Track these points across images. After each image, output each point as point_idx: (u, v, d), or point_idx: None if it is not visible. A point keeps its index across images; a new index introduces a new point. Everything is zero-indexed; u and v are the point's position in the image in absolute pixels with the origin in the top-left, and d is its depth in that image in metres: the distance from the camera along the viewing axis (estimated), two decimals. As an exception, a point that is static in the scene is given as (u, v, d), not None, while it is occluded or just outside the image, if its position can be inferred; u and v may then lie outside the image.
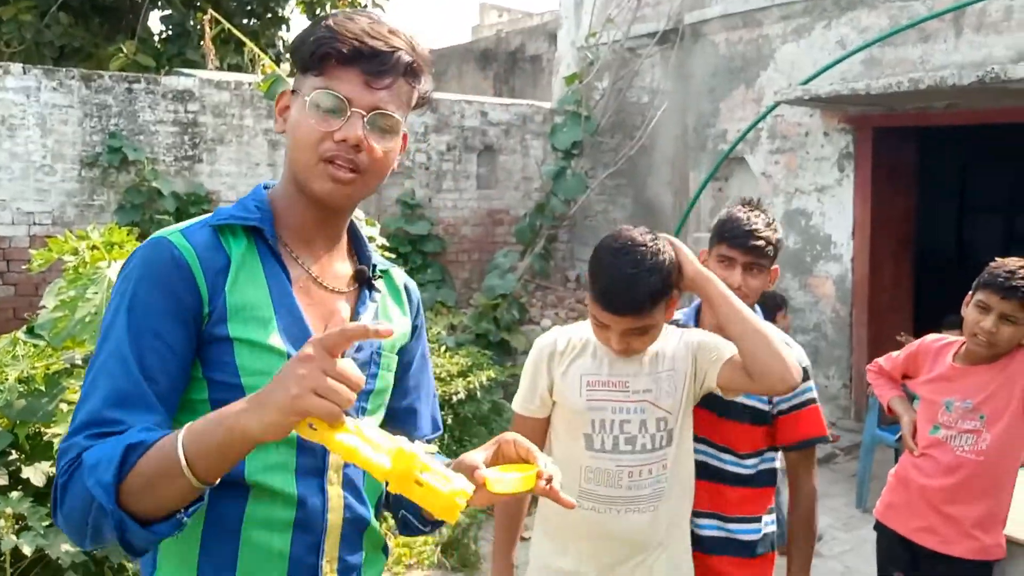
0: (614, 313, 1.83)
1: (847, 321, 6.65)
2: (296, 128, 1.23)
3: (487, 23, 15.57)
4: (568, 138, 8.03)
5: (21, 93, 6.02)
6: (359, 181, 1.22)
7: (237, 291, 1.20)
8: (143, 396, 1.11)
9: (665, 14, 7.72)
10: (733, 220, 2.14)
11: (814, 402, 2.13)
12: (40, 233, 6.01)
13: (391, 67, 1.21)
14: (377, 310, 1.36)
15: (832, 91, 5.93)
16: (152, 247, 1.19)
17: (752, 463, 2.15)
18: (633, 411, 1.93)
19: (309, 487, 1.22)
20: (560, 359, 1.99)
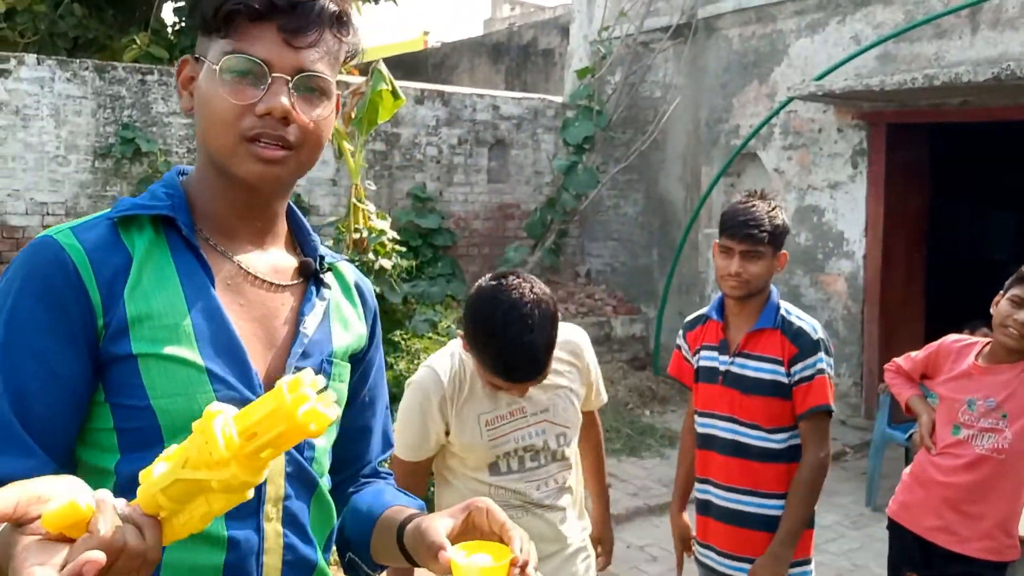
0: (517, 383, 1.79)
1: (858, 319, 6.61)
2: (207, 103, 1.02)
3: (499, 16, 15.55)
4: (580, 132, 8.01)
5: (35, 84, 6.05)
6: (292, 159, 1.03)
7: (139, 296, 1.00)
8: (14, 436, 0.93)
9: (678, 8, 7.68)
10: (731, 212, 2.32)
11: (823, 373, 2.27)
12: (53, 223, 6.02)
13: (314, 19, 1.02)
14: (328, 309, 1.15)
15: (846, 87, 5.90)
16: (36, 249, 0.99)
17: (781, 438, 2.30)
18: (534, 434, 1.94)
19: (241, 526, 1.02)
20: (452, 403, 1.89)
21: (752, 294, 2.31)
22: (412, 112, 7.58)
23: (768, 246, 2.26)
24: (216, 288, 1.05)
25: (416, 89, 7.76)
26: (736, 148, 7.09)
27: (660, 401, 7.07)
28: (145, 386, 0.98)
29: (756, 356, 2.33)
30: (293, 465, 1.08)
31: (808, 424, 2.28)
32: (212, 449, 0.75)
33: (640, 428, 6.35)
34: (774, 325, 2.32)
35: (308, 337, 1.10)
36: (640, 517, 4.90)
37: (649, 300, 8.15)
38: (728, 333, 2.40)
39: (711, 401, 2.40)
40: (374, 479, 1.28)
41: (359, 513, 1.19)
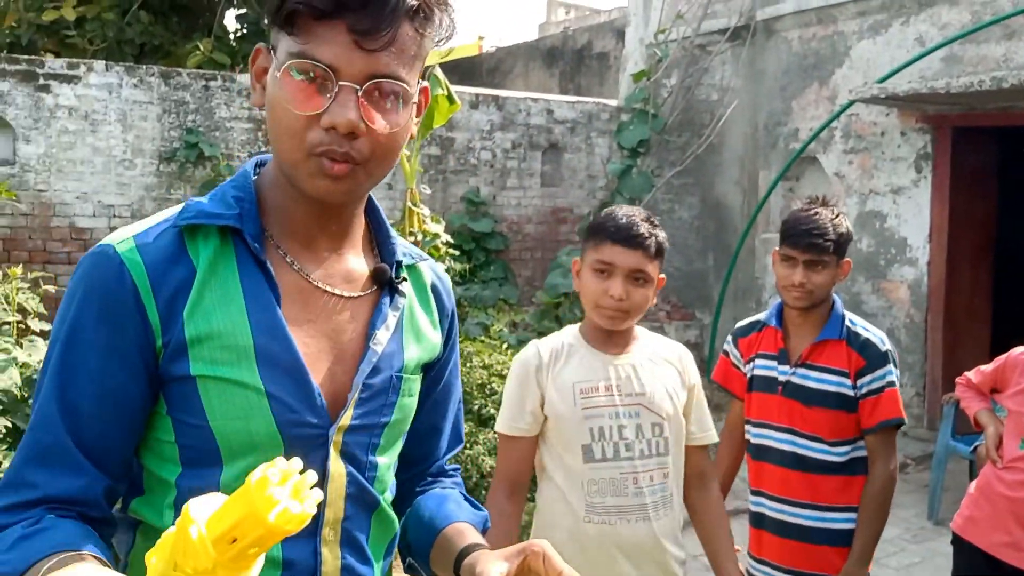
0: (624, 245, 1.84)
1: (922, 327, 6.44)
2: (273, 108, 0.94)
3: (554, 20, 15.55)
4: (635, 136, 7.96)
5: (104, 89, 6.25)
6: (360, 173, 0.95)
7: (200, 315, 0.95)
8: (67, 453, 0.92)
9: (737, 10, 7.59)
10: (793, 220, 2.26)
11: (893, 385, 2.22)
12: (119, 225, 6.19)
13: (388, 16, 0.90)
14: (401, 320, 1.09)
15: (910, 89, 5.76)
16: (96, 261, 0.95)
17: (843, 451, 2.24)
18: (628, 415, 1.88)
19: (298, 548, 0.99)
20: (548, 370, 1.91)
21: (816, 304, 2.27)
22: (467, 116, 7.63)
23: (832, 255, 2.22)
24: (282, 304, 0.99)
25: (471, 94, 7.81)
26: (795, 152, 6.98)
27: (715, 408, 6.95)
28: (204, 407, 0.96)
29: (820, 367, 2.27)
30: (354, 486, 1.05)
31: (876, 438, 2.24)
32: (192, 556, 0.72)
33: (694, 435, 6.27)
34: (840, 336, 2.27)
35: (378, 352, 1.04)
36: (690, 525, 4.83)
37: (704, 306, 8.05)
38: (788, 342, 2.34)
39: (767, 411, 2.34)
40: (440, 478, 1.25)
41: (421, 521, 1.16)
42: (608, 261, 1.85)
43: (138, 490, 1.02)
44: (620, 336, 1.96)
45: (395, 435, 1.10)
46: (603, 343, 1.94)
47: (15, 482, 0.93)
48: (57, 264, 6.11)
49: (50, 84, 6.08)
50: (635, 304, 1.87)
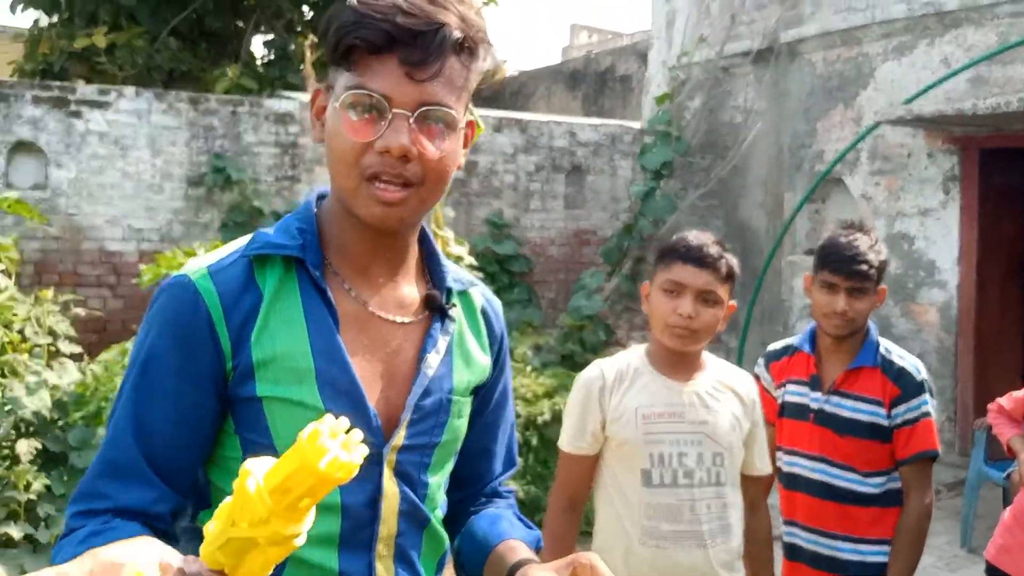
0: (695, 264, 1.86)
1: (952, 351, 6.36)
2: (331, 138, 1.02)
3: (577, 44, 15.66)
4: (658, 158, 7.97)
5: (133, 115, 6.36)
6: (413, 197, 1.01)
7: (266, 339, 1.01)
8: (138, 470, 0.98)
9: (760, 32, 7.60)
10: (834, 245, 2.20)
11: (928, 416, 2.17)
12: (148, 249, 6.30)
13: (436, 49, 0.97)
14: (451, 345, 1.13)
15: (936, 111, 5.73)
16: (174, 291, 1.02)
17: (878, 481, 2.18)
18: (690, 443, 1.89)
19: (354, 562, 1.04)
20: (611, 393, 1.92)
21: (855, 332, 2.22)
22: (490, 140, 7.67)
23: (872, 282, 2.18)
24: (340, 328, 1.05)
25: (494, 117, 7.86)
26: (821, 173, 6.94)
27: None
28: (269, 427, 1.02)
29: (853, 395, 2.21)
30: (407, 504, 1.09)
31: (911, 469, 2.18)
32: (249, 509, 0.76)
33: (720, 459, 6.21)
34: (874, 364, 2.21)
35: (429, 376, 1.09)
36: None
37: (730, 329, 7.99)
38: (821, 369, 2.28)
39: (799, 439, 2.29)
40: (494, 499, 1.28)
41: (475, 539, 1.19)
42: (678, 280, 1.87)
43: (205, 503, 1.07)
44: (688, 361, 1.95)
45: (446, 455, 1.14)
46: (670, 368, 1.94)
47: (88, 493, 0.98)
48: (87, 287, 6.19)
49: (81, 110, 6.20)
50: (704, 324, 1.88)
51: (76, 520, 0.97)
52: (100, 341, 5.41)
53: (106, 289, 6.32)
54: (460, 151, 1.06)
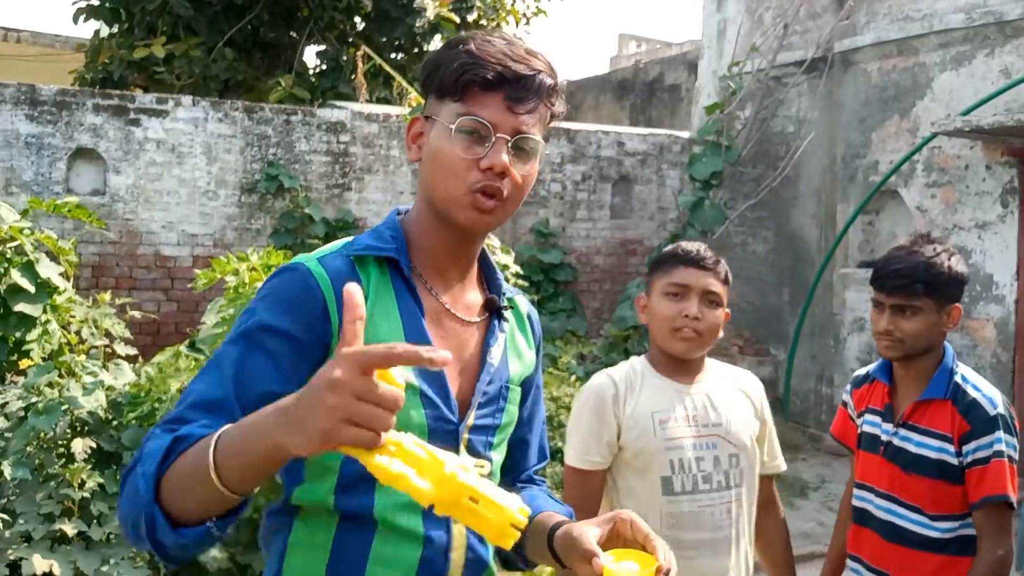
0: (697, 267, 1.87)
1: (1009, 368, 6.17)
2: (437, 156, 1.19)
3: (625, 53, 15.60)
4: (707, 168, 7.89)
5: (190, 123, 6.51)
6: (500, 209, 1.20)
7: (371, 326, 1.12)
8: (229, 410, 1.06)
9: (814, 42, 7.49)
10: (883, 259, 2.08)
11: (1000, 456, 1.94)
12: (202, 254, 6.43)
13: (533, 90, 1.19)
14: (506, 341, 1.32)
15: (995, 122, 5.58)
16: (290, 272, 1.18)
17: (946, 527, 2.00)
18: (706, 446, 1.86)
19: (436, 525, 1.19)
20: (624, 400, 1.88)
21: (912, 355, 2.04)
22: (538, 149, 7.68)
23: (927, 299, 1.98)
24: (425, 321, 1.22)
25: (543, 126, 7.86)
26: (875, 185, 6.82)
27: (790, 448, 6.79)
28: None
29: (922, 429, 2.04)
30: None
31: (982, 515, 1.96)
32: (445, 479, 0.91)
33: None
34: (946, 395, 2.02)
35: (494, 366, 1.27)
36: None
37: (779, 342, 7.88)
38: (894, 398, 2.13)
39: (869, 473, 2.14)
40: (529, 484, 1.43)
41: None
42: (682, 283, 1.87)
43: (298, 479, 1.19)
44: (692, 366, 1.93)
45: (504, 436, 1.32)
46: (674, 372, 1.92)
47: (176, 418, 1.07)
48: (142, 290, 6.34)
49: (140, 118, 6.37)
50: (709, 326, 1.87)
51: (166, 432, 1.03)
52: (154, 344, 5.53)
53: (160, 293, 6.47)
54: (536, 173, 1.25)
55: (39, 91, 6.09)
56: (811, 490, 5.97)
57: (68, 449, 2.95)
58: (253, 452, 0.92)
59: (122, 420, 3.12)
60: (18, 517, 2.75)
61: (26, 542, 2.70)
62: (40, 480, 2.90)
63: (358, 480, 1.14)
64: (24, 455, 2.87)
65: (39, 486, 2.88)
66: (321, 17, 9.15)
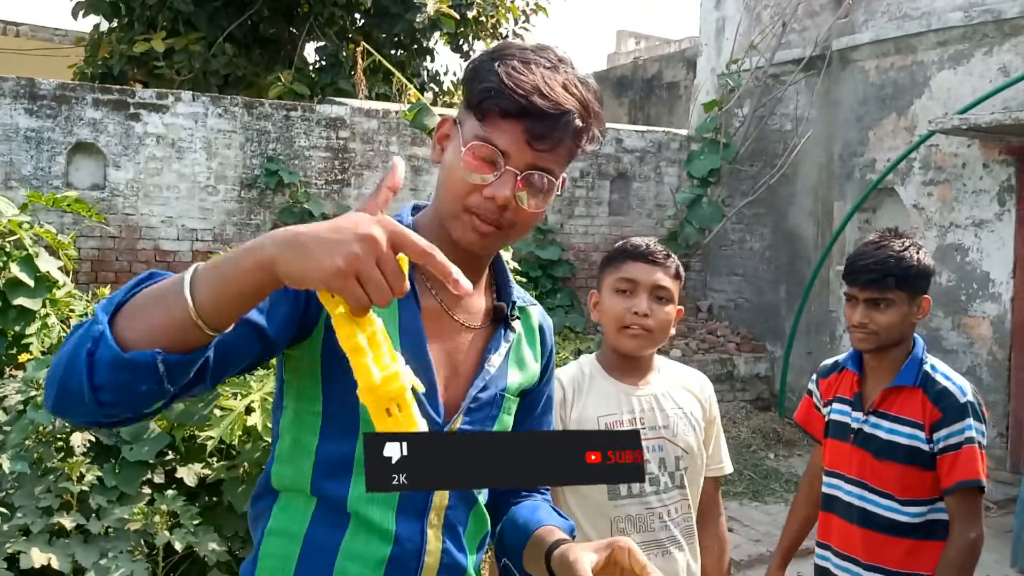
0: (646, 262, 1.84)
1: (1005, 365, 6.20)
2: (448, 169, 1.17)
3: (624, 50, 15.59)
4: (705, 166, 7.91)
5: (190, 118, 6.52)
6: (500, 236, 1.16)
7: None
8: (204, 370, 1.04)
9: (812, 40, 7.51)
10: (854, 254, 2.11)
11: (972, 442, 2.00)
12: (202, 249, 6.45)
13: (559, 130, 1.11)
14: (509, 351, 1.29)
15: (993, 120, 5.60)
16: None
17: (916, 511, 2.04)
18: (652, 448, 1.85)
19: (408, 526, 1.17)
20: (571, 405, 1.87)
21: (885, 346, 2.08)
22: (537, 145, 7.70)
23: (899, 291, 2.02)
24: (421, 318, 1.19)
25: (541, 123, 7.88)
26: (872, 183, 6.83)
27: (785, 444, 6.82)
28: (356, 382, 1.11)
29: (892, 417, 2.08)
30: None
31: (954, 500, 2.01)
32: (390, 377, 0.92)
33: (764, 472, 6.14)
34: (915, 383, 2.06)
35: (490, 374, 1.24)
36: (762, 564, 4.72)
37: (775, 339, 7.90)
38: (864, 387, 2.17)
39: (839, 460, 2.19)
40: (532, 494, 1.40)
41: (516, 525, 1.31)
42: (631, 278, 1.84)
43: (280, 458, 1.19)
44: (641, 365, 1.91)
45: None
46: (624, 373, 1.90)
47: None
48: (141, 285, 6.35)
49: (140, 113, 6.38)
50: (659, 322, 1.84)
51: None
52: (153, 338, 5.55)
53: (159, 287, 6.48)
54: (550, 202, 1.20)
55: (39, 85, 6.10)
56: (807, 486, 5.99)
57: (67, 443, 2.96)
58: (239, 272, 0.89)
59: (121, 414, 3.14)
60: (16, 511, 2.77)
61: (24, 535, 2.72)
62: (39, 474, 2.92)
63: (333, 465, 1.14)
64: (23, 449, 2.88)
65: (37, 480, 2.89)
66: (321, 13, 9.16)
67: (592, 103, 1.15)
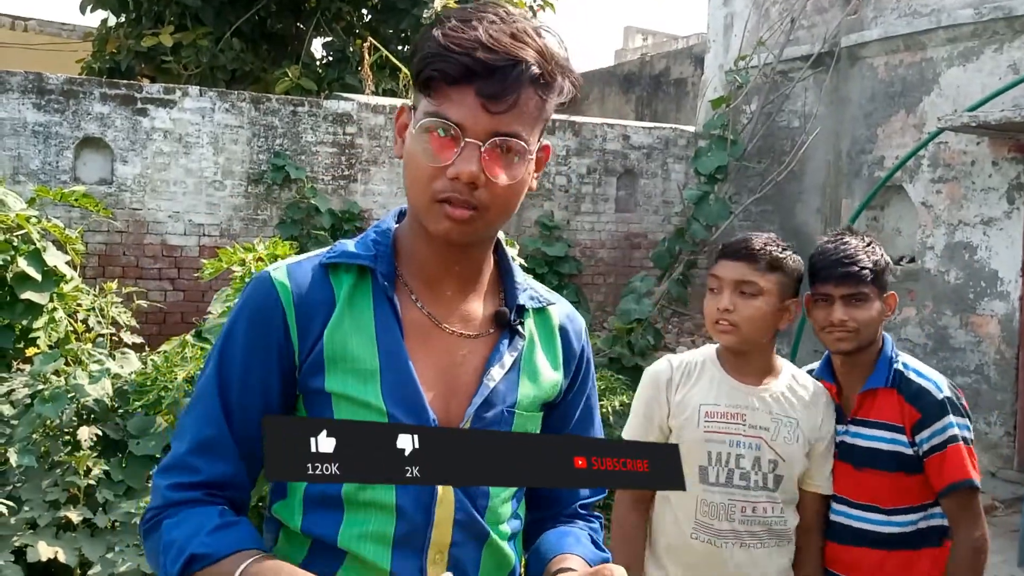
0: (730, 258, 1.88)
1: (1012, 364, 6.17)
2: (408, 160, 1.06)
3: (631, 47, 15.56)
4: (712, 162, 7.88)
5: (197, 113, 6.52)
6: (480, 219, 1.04)
7: (338, 338, 1.07)
8: (225, 445, 1.06)
9: (820, 37, 7.47)
10: (821, 253, 2.00)
11: (956, 440, 1.89)
12: (208, 244, 6.46)
13: (513, 83, 0.99)
14: (519, 360, 1.15)
15: (1003, 118, 5.57)
16: (255, 285, 1.10)
17: (906, 519, 1.96)
18: (748, 446, 1.89)
19: (405, 563, 1.07)
20: (677, 387, 1.94)
21: (863, 346, 1.97)
22: (544, 141, 7.69)
23: (872, 286, 1.93)
24: (405, 337, 1.10)
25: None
26: (881, 180, 6.80)
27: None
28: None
29: (871, 423, 1.97)
30: (463, 514, 1.10)
31: (950, 503, 1.92)
32: None
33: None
34: (888, 384, 1.96)
35: (490, 387, 1.11)
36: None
37: (782, 336, 7.86)
38: (841, 397, 2.05)
39: None
40: (575, 520, 1.26)
41: (539, 554, 1.20)
42: (716, 275, 1.90)
43: (281, 494, 1.14)
44: (753, 363, 1.93)
45: None
46: (736, 369, 1.93)
47: (180, 465, 1.07)
48: (149, 280, 6.37)
49: (147, 108, 6.39)
50: (743, 317, 1.84)
51: (172, 492, 1.05)
52: (160, 333, 5.57)
53: (167, 282, 6.50)
54: (531, 175, 1.08)
55: (46, 80, 6.11)
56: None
57: (74, 437, 2.97)
58: None
59: (128, 408, 3.14)
60: (24, 504, 2.78)
61: (31, 529, 2.73)
62: (46, 467, 2.93)
63: (320, 503, 1.08)
64: (30, 442, 2.89)
65: (45, 473, 2.90)
66: (328, 8, 9.15)
67: (551, 49, 1.03)
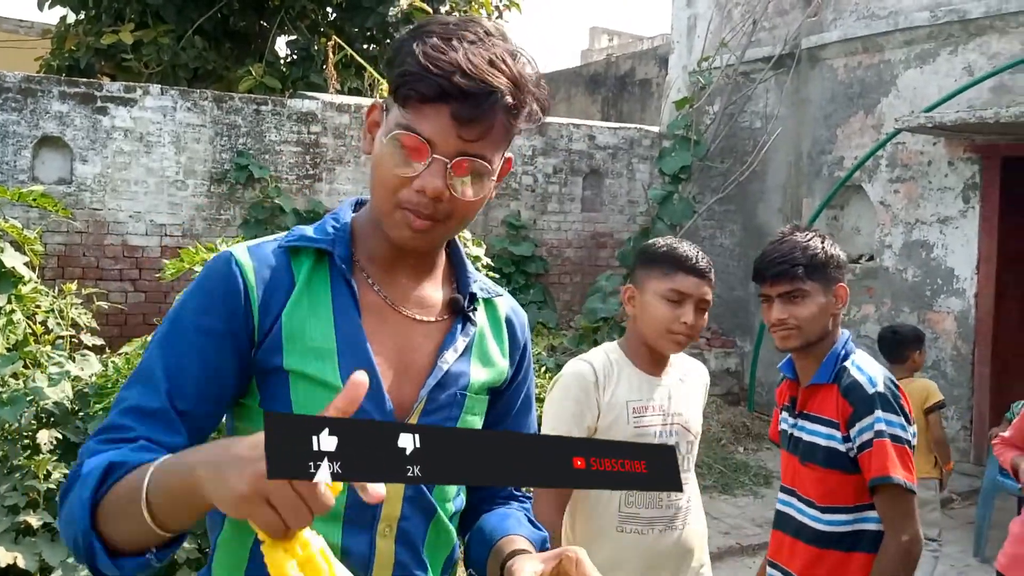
0: (697, 276, 1.93)
1: (968, 359, 6.32)
2: (376, 164, 1.08)
3: (597, 47, 15.64)
4: (676, 162, 7.97)
5: (159, 112, 6.44)
6: (439, 228, 1.09)
7: (296, 318, 1.09)
8: (166, 417, 1.02)
9: (781, 38, 7.59)
10: (760, 255, 2.04)
11: (882, 436, 1.85)
12: (171, 244, 6.39)
13: (487, 111, 1.02)
14: (471, 346, 1.19)
15: (958, 119, 5.70)
16: (215, 260, 1.11)
17: (839, 519, 1.92)
18: (670, 434, 1.98)
19: (356, 539, 1.09)
20: (603, 388, 1.96)
21: (811, 342, 1.97)
22: (510, 141, 7.70)
23: (811, 282, 1.94)
24: (363, 318, 1.12)
25: (514, 119, 7.88)
26: (840, 180, 6.93)
27: (754, 438, 6.90)
28: (291, 401, 1.08)
29: (813, 417, 1.99)
30: (412, 489, 1.13)
31: (880, 501, 1.87)
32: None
33: (733, 465, 6.22)
34: (830, 379, 1.96)
35: (445, 370, 1.15)
36: (732, 556, 4.78)
37: (745, 334, 7.99)
38: (797, 391, 2.07)
39: (784, 470, 2.11)
40: (510, 501, 1.31)
41: (482, 535, 1.23)
42: (682, 291, 1.93)
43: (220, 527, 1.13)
44: (665, 359, 2.05)
45: None
46: (649, 365, 2.02)
47: (114, 426, 1.02)
48: (109, 281, 6.28)
49: (107, 106, 6.29)
50: (698, 330, 1.98)
51: (101, 445, 0.99)
52: (121, 334, 5.49)
53: (128, 283, 6.41)
54: (490, 191, 1.12)
55: (3, 78, 6.00)
56: (775, 478, 6.07)
57: (33, 440, 2.93)
58: (179, 491, 0.87)
59: (88, 411, 3.10)
60: (-18, 508, 2.73)
61: (-10, 533, 2.68)
62: (4, 472, 2.88)
63: None
64: (-12, 446, 2.84)
65: (3, 478, 2.86)
66: (292, 6, 9.07)
67: (524, 77, 1.06)
